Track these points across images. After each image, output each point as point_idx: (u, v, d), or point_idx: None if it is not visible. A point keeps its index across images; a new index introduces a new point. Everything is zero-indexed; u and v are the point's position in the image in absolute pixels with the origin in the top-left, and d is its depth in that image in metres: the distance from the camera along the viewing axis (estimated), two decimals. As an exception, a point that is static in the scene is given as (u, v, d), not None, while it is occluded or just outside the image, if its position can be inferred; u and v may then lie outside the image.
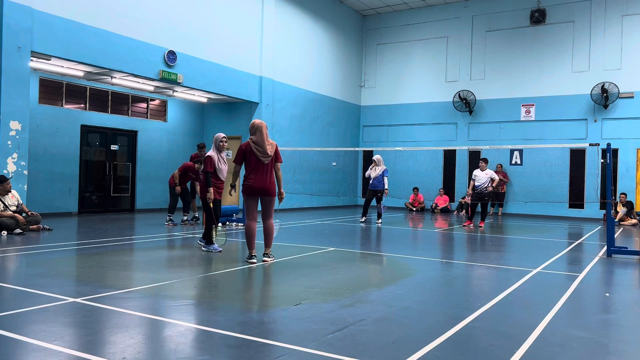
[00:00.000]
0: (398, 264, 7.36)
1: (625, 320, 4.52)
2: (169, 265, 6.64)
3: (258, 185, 6.56)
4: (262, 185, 6.58)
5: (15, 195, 9.70)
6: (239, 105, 16.60)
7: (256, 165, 6.58)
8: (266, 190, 6.61)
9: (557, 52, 17.41)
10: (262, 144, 6.55)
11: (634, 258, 7.90)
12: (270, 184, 6.63)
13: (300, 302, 4.65)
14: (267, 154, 6.55)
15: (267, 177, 6.60)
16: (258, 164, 6.57)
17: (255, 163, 6.57)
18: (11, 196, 9.56)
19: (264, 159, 6.55)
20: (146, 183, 15.40)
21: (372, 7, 19.97)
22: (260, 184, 6.57)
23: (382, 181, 12.74)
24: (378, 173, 12.77)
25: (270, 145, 6.62)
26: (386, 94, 20.56)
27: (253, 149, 6.56)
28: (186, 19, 13.45)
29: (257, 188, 6.58)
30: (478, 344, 3.66)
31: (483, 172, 12.59)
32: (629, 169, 16.39)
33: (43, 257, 6.96)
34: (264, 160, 6.56)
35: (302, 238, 9.58)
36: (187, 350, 3.39)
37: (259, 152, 6.54)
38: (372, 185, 12.88)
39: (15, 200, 9.59)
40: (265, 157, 6.55)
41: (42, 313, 4.15)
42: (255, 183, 6.56)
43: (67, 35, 10.75)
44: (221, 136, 7.89)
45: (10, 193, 9.54)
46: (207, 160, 7.63)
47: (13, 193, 9.65)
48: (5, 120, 9.91)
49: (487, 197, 12.65)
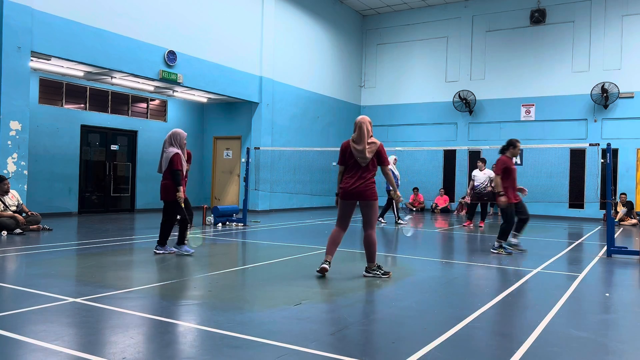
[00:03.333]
0: (398, 264, 7.36)
1: (625, 320, 4.51)
2: (169, 265, 6.64)
3: (351, 189, 5.91)
4: (358, 189, 5.89)
5: (16, 195, 9.69)
6: (239, 105, 16.60)
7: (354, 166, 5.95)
8: (362, 194, 5.91)
9: (557, 52, 17.41)
10: (359, 143, 5.91)
11: (634, 258, 7.90)
12: (365, 187, 5.89)
13: (300, 302, 4.65)
14: (364, 156, 5.86)
15: (363, 180, 5.88)
16: (355, 165, 5.94)
17: (353, 164, 5.95)
18: (11, 196, 9.56)
19: (361, 160, 5.88)
20: (146, 183, 15.39)
21: (372, 7, 19.96)
22: (354, 188, 5.89)
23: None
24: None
25: (371, 145, 5.90)
26: (386, 94, 20.56)
27: (351, 148, 5.95)
28: (186, 19, 13.45)
29: (350, 192, 5.94)
30: (478, 344, 3.66)
31: (482, 172, 12.64)
32: (629, 169, 16.39)
33: (43, 257, 6.96)
34: (362, 162, 5.88)
35: (302, 238, 9.58)
36: (187, 350, 3.39)
37: (356, 152, 5.90)
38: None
39: (15, 200, 9.59)
40: (363, 159, 5.88)
41: (42, 313, 4.14)
42: (349, 186, 5.92)
43: (67, 35, 10.75)
44: (185, 134, 7.38)
45: (10, 193, 9.54)
46: (177, 158, 7.08)
47: (13, 193, 9.64)
48: (5, 120, 9.91)
49: (486, 197, 12.68)
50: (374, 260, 5.99)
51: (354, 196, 5.92)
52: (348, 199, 5.98)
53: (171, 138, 7.20)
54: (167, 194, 7.13)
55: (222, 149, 17.25)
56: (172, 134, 7.22)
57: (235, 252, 7.76)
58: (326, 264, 5.90)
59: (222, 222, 11.41)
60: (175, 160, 7.00)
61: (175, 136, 7.23)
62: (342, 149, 6.07)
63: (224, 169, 17.32)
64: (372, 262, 5.99)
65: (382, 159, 5.99)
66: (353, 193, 5.90)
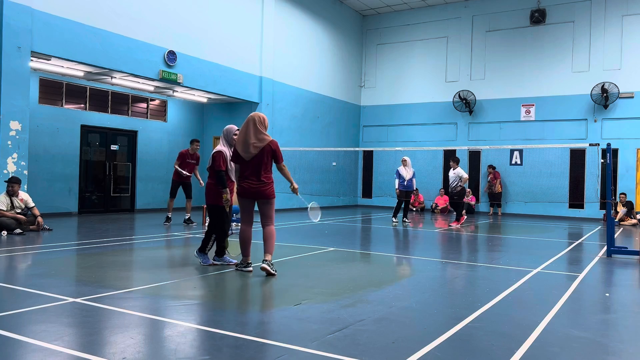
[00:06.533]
0: (398, 264, 7.37)
1: (625, 320, 4.51)
2: (169, 265, 6.64)
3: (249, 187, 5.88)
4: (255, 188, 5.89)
5: (25, 198, 9.67)
6: (239, 105, 16.60)
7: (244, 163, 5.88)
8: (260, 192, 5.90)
9: (557, 52, 17.41)
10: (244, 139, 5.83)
11: (634, 258, 7.90)
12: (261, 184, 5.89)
13: (300, 302, 4.65)
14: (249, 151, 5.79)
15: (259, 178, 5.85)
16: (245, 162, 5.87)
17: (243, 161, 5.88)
18: (20, 199, 9.57)
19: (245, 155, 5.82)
20: (146, 183, 15.40)
21: (372, 7, 19.97)
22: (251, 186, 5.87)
23: (412, 181, 13.14)
24: (410, 174, 13.05)
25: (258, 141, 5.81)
26: (386, 94, 20.56)
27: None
28: (186, 19, 13.45)
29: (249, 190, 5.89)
30: (478, 344, 3.66)
31: (452, 172, 12.83)
32: (629, 169, 16.39)
33: (43, 257, 6.96)
34: (246, 158, 5.82)
35: (302, 238, 9.58)
36: (187, 350, 3.39)
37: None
38: (405, 187, 13.06)
39: (22, 204, 9.59)
40: (246, 154, 5.81)
41: (42, 313, 4.15)
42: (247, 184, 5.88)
43: (67, 35, 10.75)
44: (235, 129, 6.53)
45: (20, 196, 9.57)
46: (218, 156, 6.27)
47: (22, 196, 9.65)
48: (5, 120, 9.91)
49: (456, 196, 12.78)
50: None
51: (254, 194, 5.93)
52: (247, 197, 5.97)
53: (222, 134, 6.57)
54: (207, 195, 6.47)
55: (222, 149, 17.25)
56: (223, 131, 6.61)
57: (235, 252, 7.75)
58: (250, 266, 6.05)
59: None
60: (217, 158, 6.24)
61: (226, 131, 6.53)
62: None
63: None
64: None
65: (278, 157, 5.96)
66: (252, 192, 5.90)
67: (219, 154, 6.29)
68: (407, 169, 12.99)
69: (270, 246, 5.96)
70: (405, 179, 12.94)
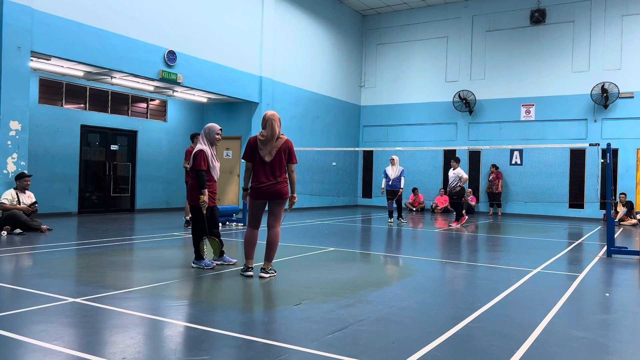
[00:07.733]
0: (398, 264, 7.37)
1: (625, 320, 4.51)
2: (169, 265, 6.63)
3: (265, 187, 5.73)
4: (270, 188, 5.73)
5: (32, 197, 9.95)
6: (239, 105, 16.60)
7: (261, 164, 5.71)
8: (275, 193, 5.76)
9: (557, 52, 17.41)
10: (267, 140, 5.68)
11: (634, 258, 7.90)
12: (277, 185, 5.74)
13: (300, 302, 4.65)
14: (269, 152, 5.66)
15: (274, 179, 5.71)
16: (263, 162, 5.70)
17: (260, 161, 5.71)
18: (27, 196, 9.84)
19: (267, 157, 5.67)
20: (146, 183, 15.39)
21: (372, 7, 19.96)
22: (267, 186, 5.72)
23: (399, 181, 12.94)
24: (397, 173, 12.90)
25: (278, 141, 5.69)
26: (386, 94, 20.56)
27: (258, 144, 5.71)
28: (186, 19, 13.45)
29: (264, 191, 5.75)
30: (478, 344, 3.66)
31: (452, 171, 12.81)
32: (629, 169, 16.39)
33: (43, 257, 6.96)
34: (268, 160, 5.66)
35: (302, 238, 9.58)
36: (187, 350, 3.39)
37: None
38: (391, 186, 12.99)
39: (29, 200, 9.83)
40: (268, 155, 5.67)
41: (42, 313, 4.14)
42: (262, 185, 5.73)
43: (67, 35, 10.74)
44: (217, 128, 6.38)
45: (27, 193, 9.84)
46: (200, 155, 6.15)
47: (30, 194, 9.92)
48: (5, 120, 9.90)
49: (455, 196, 12.78)
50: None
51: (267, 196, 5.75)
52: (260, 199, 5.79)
53: (202, 133, 6.41)
54: (189, 195, 6.33)
55: (222, 149, 17.23)
56: (203, 129, 6.42)
57: (234, 252, 7.75)
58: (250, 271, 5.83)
59: (222, 222, 11.41)
60: (198, 157, 6.12)
61: (208, 129, 6.36)
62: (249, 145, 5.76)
63: (224, 169, 17.29)
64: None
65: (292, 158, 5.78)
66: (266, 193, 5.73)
67: (201, 152, 6.17)
68: (394, 168, 12.92)
69: (272, 254, 5.86)
70: (391, 179, 12.90)
